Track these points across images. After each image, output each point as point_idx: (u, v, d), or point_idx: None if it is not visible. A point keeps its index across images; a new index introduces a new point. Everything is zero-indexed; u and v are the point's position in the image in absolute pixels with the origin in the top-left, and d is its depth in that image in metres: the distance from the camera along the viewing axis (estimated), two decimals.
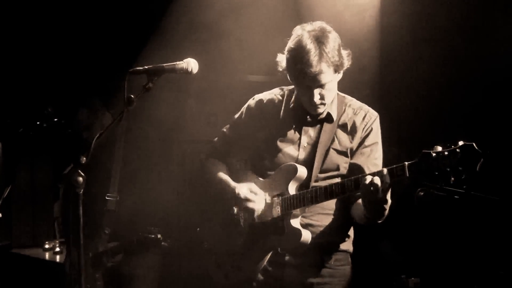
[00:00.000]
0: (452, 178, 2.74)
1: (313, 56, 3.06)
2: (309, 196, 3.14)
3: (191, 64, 3.09)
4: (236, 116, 3.51)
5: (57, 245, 5.46)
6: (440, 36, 4.85)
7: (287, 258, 3.25)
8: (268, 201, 3.27)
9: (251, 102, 3.47)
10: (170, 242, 4.25)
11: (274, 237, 3.23)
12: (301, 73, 3.09)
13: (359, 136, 3.28)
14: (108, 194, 4.34)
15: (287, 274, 3.25)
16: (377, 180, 2.86)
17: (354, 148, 3.28)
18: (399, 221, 4.90)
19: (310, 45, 3.08)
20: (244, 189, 3.28)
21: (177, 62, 3.07)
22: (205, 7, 5.05)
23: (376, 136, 3.31)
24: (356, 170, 3.21)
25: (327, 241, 3.27)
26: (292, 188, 3.22)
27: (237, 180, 3.41)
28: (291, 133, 3.32)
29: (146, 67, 2.97)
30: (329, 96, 3.20)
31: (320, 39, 3.10)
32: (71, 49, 5.77)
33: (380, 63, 5.15)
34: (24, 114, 5.51)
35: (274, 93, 3.44)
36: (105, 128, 2.89)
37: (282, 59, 3.26)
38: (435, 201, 4.20)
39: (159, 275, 4.66)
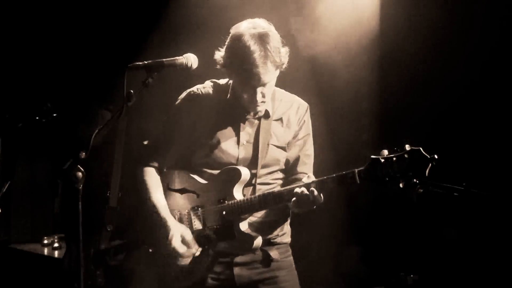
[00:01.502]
0: (402, 183, 2.78)
1: (259, 57, 3.04)
2: (257, 202, 3.14)
3: (191, 59, 3.08)
4: (172, 112, 3.41)
5: (56, 240, 5.46)
6: (440, 36, 4.84)
7: (235, 257, 3.26)
8: (198, 251, 3.23)
9: (187, 96, 3.37)
10: None
11: (224, 243, 3.22)
12: (248, 74, 3.07)
13: (294, 129, 3.34)
14: (109, 191, 4.33)
15: (237, 274, 3.26)
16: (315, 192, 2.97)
17: (290, 141, 3.33)
18: (398, 218, 4.91)
19: (255, 46, 3.05)
20: (177, 235, 3.20)
21: (177, 57, 3.06)
22: (205, 2, 5.04)
23: (308, 128, 3.39)
24: (291, 163, 3.33)
25: (272, 236, 3.31)
26: (237, 192, 3.21)
27: (170, 179, 3.35)
28: (229, 130, 3.28)
29: (145, 62, 2.95)
30: (269, 94, 3.21)
31: (263, 38, 3.07)
32: (70, 45, 5.75)
33: (380, 61, 5.14)
34: (23, 109, 5.49)
35: (206, 87, 3.36)
36: (104, 124, 2.88)
37: (220, 58, 3.20)
38: (434, 198, 4.20)
39: (160, 273, 4.64)
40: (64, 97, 5.58)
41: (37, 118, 5.02)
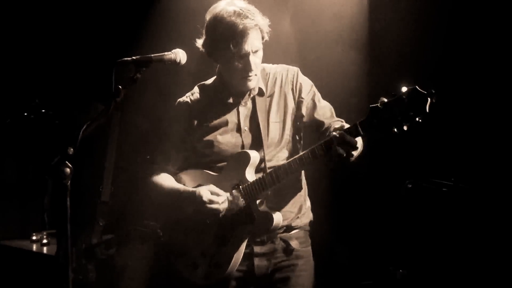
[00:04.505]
0: (406, 125, 2.76)
1: (247, 24, 3.10)
2: (269, 178, 3.17)
3: (179, 55, 3.08)
4: (165, 124, 3.48)
5: (45, 236, 5.44)
6: (430, 24, 4.83)
7: (254, 247, 3.28)
8: (230, 195, 3.26)
9: (177, 107, 3.44)
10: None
11: (244, 227, 3.24)
12: (239, 43, 3.10)
13: (292, 97, 3.34)
14: (102, 186, 4.34)
15: (257, 264, 3.29)
16: (335, 148, 2.92)
17: (295, 109, 3.34)
18: (387, 212, 4.93)
19: (239, 18, 3.12)
20: (204, 191, 3.21)
21: (165, 53, 3.06)
22: None
23: (307, 86, 3.37)
24: (315, 125, 3.31)
25: (289, 222, 3.32)
26: (249, 175, 3.23)
27: (185, 179, 3.39)
28: (227, 121, 3.32)
29: (134, 57, 2.95)
30: (260, 65, 3.26)
31: (243, 11, 3.15)
32: (60, 41, 5.72)
33: (370, 53, 5.14)
34: (11, 105, 5.47)
35: (196, 92, 3.43)
36: (93, 119, 2.87)
37: (203, 44, 3.27)
38: (423, 193, 4.21)
39: (151, 267, 4.65)
40: (53, 93, 5.56)
41: (25, 114, 5.01)
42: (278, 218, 3.21)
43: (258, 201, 3.22)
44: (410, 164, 4.53)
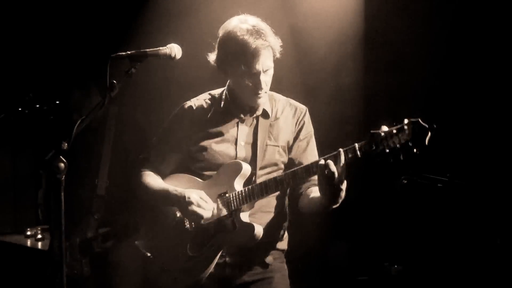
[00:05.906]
0: (402, 155, 2.81)
1: (260, 44, 3.11)
2: (258, 189, 3.16)
3: (174, 50, 3.07)
4: (166, 125, 3.48)
5: (39, 232, 5.43)
6: (427, 19, 4.84)
7: (227, 259, 3.27)
8: (215, 203, 3.25)
9: (181, 110, 3.44)
10: None
11: (223, 234, 3.22)
12: (250, 62, 3.11)
13: (292, 130, 3.36)
14: (97, 179, 4.34)
15: (228, 274, 3.27)
16: (331, 164, 2.93)
17: (291, 143, 3.35)
18: (382, 208, 4.94)
19: (251, 37, 3.12)
20: (194, 194, 3.21)
21: (160, 48, 3.05)
22: None
23: (308, 129, 3.39)
24: (295, 165, 3.28)
25: (267, 239, 3.29)
26: (238, 185, 3.22)
27: (174, 183, 3.38)
28: (225, 132, 3.32)
29: (128, 52, 2.94)
30: (269, 83, 3.25)
31: (256, 29, 3.15)
32: (54, 35, 5.70)
33: (365, 52, 5.14)
34: (5, 100, 5.44)
35: (203, 98, 3.43)
36: (88, 113, 2.87)
37: (215, 59, 3.26)
38: (418, 189, 4.21)
39: (145, 262, 4.64)
40: (47, 87, 5.53)
41: (19, 108, 4.98)
42: (259, 231, 3.18)
43: (242, 213, 3.20)
44: (405, 159, 4.53)
